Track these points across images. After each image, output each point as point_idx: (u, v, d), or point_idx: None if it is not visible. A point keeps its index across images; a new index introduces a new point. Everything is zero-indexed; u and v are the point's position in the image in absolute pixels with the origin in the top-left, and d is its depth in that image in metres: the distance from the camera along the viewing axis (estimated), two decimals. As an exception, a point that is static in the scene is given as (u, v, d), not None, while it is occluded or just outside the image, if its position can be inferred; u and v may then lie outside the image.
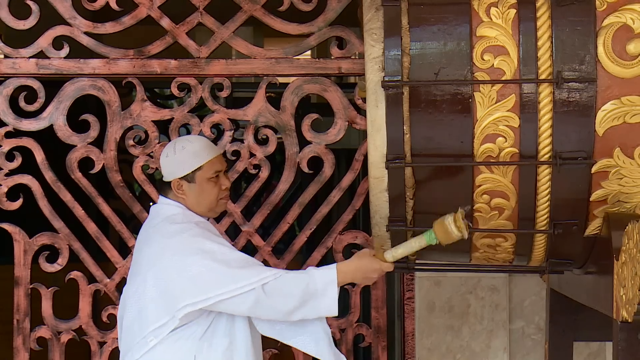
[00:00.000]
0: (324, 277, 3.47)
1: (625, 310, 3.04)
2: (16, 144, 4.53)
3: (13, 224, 4.55)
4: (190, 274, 3.43)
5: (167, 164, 3.61)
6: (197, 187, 3.58)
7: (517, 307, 4.77)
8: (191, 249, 3.46)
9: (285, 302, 3.43)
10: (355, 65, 4.50)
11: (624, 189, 3.20)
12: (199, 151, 3.60)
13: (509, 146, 3.17)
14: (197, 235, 3.50)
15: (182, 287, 3.44)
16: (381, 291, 4.57)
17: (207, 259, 3.44)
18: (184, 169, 3.57)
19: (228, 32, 4.55)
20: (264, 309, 3.45)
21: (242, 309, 3.45)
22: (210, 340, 3.51)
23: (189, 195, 3.58)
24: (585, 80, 3.12)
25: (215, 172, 3.60)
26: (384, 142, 3.19)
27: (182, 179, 3.58)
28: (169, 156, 3.61)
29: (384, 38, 3.18)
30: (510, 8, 3.18)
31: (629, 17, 3.13)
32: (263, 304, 3.42)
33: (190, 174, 3.57)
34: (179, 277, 3.44)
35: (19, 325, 4.53)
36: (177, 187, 3.59)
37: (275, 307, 3.44)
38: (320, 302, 3.44)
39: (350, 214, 4.58)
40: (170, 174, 3.60)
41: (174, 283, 3.45)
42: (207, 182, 3.58)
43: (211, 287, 3.42)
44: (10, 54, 4.52)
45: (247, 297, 3.42)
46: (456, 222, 3.27)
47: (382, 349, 4.60)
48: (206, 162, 3.58)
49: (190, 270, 3.43)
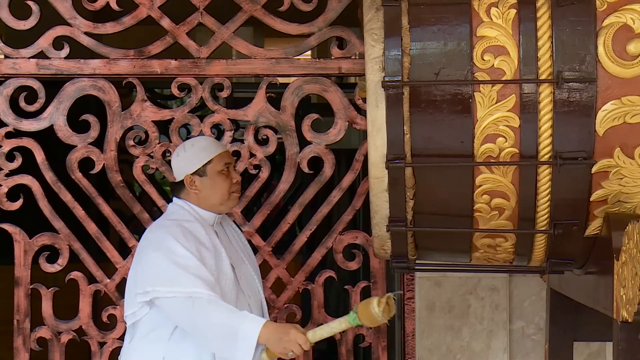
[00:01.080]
0: (249, 328, 3.49)
1: (626, 310, 3.04)
2: (16, 144, 4.53)
3: (13, 225, 4.55)
4: (148, 266, 3.60)
5: (179, 162, 3.73)
6: (209, 181, 3.69)
7: (517, 307, 4.77)
8: (159, 244, 3.61)
9: (206, 326, 3.50)
10: (356, 65, 4.50)
11: (624, 189, 3.20)
12: (208, 146, 3.73)
13: (509, 146, 3.17)
14: (172, 233, 3.62)
15: (141, 276, 3.61)
16: (381, 291, 4.57)
17: (165, 257, 3.57)
18: (195, 164, 3.69)
19: (228, 32, 4.55)
20: (185, 322, 3.54)
21: (172, 312, 3.56)
22: (179, 343, 3.60)
23: (202, 190, 3.69)
24: (586, 81, 3.12)
25: (225, 164, 3.71)
26: (384, 142, 3.19)
27: (194, 174, 3.69)
28: (180, 155, 3.73)
29: (384, 38, 3.18)
30: (510, 8, 3.18)
31: (629, 17, 3.13)
32: (185, 315, 3.51)
33: (201, 168, 3.69)
34: (141, 267, 3.62)
35: (19, 326, 4.53)
36: (190, 184, 3.70)
37: (196, 325, 3.51)
38: (236, 348, 3.48)
39: (351, 214, 4.58)
40: (182, 172, 3.70)
41: (136, 272, 3.64)
42: (218, 175, 3.69)
43: (156, 283, 3.56)
44: (10, 54, 4.52)
45: (176, 302, 3.53)
46: (379, 306, 3.38)
47: (382, 349, 4.60)
48: (216, 156, 3.70)
49: (150, 262, 3.59)
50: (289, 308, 4.60)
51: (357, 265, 4.61)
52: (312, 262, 4.60)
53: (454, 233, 3.36)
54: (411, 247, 3.42)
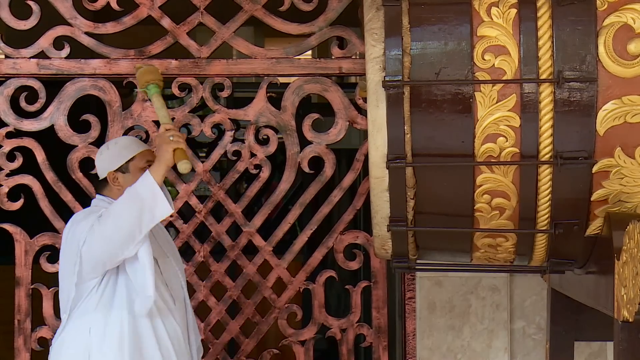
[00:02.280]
0: (144, 185, 3.60)
1: (626, 309, 3.04)
2: (17, 144, 4.54)
3: (14, 224, 4.55)
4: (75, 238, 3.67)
5: (102, 160, 3.81)
6: (131, 177, 3.75)
7: (518, 307, 4.76)
8: (81, 220, 3.71)
9: (123, 221, 3.57)
10: (356, 65, 4.50)
11: (624, 189, 3.20)
12: (130, 145, 3.83)
13: (510, 146, 3.17)
14: (93, 212, 3.73)
15: (70, 251, 3.69)
16: (382, 291, 4.57)
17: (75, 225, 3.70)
18: (118, 161, 3.77)
19: (229, 32, 4.55)
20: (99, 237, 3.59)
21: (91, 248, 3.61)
22: (106, 312, 3.66)
23: (124, 186, 3.74)
24: (586, 80, 3.12)
25: (147, 161, 3.77)
26: (384, 142, 3.19)
27: (117, 170, 3.77)
28: (103, 153, 3.82)
29: (385, 38, 3.18)
30: (510, 8, 3.18)
31: (630, 17, 3.13)
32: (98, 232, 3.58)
33: (124, 165, 3.77)
34: (70, 245, 3.69)
35: (20, 326, 4.53)
36: (112, 180, 3.78)
37: (107, 229, 3.58)
38: (153, 208, 3.58)
39: (351, 214, 4.58)
40: (105, 169, 3.78)
41: (66, 251, 3.72)
42: (140, 172, 3.74)
43: (75, 242, 3.65)
44: (11, 54, 4.52)
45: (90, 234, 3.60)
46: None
47: (383, 349, 4.60)
48: (138, 153, 3.78)
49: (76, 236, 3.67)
50: (289, 308, 4.60)
51: (357, 265, 4.61)
52: (312, 262, 4.60)
53: (454, 233, 3.35)
54: (412, 247, 3.42)
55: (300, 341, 4.60)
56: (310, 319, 4.58)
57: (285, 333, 4.60)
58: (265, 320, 4.60)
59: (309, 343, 4.61)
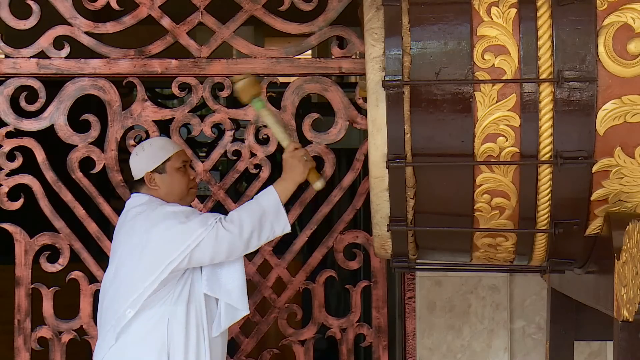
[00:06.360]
0: (269, 201, 3.74)
1: (626, 309, 3.04)
2: (17, 144, 4.54)
3: (14, 224, 4.55)
4: (164, 235, 3.67)
5: (138, 161, 3.84)
6: (168, 177, 3.81)
7: (517, 307, 4.77)
8: (158, 217, 3.71)
9: (241, 230, 3.68)
10: (356, 64, 4.50)
11: (624, 189, 3.20)
12: (165, 145, 3.87)
13: (510, 146, 3.17)
14: (161, 204, 3.76)
15: (159, 250, 3.67)
16: (382, 291, 4.58)
17: (172, 219, 3.69)
18: (154, 162, 3.81)
19: (229, 32, 4.56)
20: (224, 244, 3.67)
21: (208, 252, 3.67)
22: (186, 304, 3.72)
23: (161, 186, 3.81)
24: (586, 80, 3.12)
25: (183, 162, 3.85)
26: (384, 142, 3.19)
27: (154, 171, 3.81)
28: (139, 154, 3.85)
29: (385, 37, 3.18)
30: (510, 7, 3.18)
31: (630, 17, 3.13)
32: (222, 238, 3.66)
33: (161, 166, 3.81)
34: (155, 242, 3.67)
35: (20, 325, 4.53)
36: (149, 181, 3.81)
37: (233, 238, 3.67)
38: (274, 223, 3.74)
39: (351, 214, 4.58)
40: (142, 170, 3.82)
41: (150, 249, 3.68)
42: (176, 172, 3.82)
43: (181, 241, 3.66)
44: (11, 53, 4.52)
45: (209, 237, 3.66)
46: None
47: (383, 349, 4.60)
48: (174, 153, 3.84)
49: (163, 233, 3.67)
50: (289, 308, 4.60)
51: (357, 264, 4.61)
52: (312, 261, 4.60)
53: (454, 232, 3.36)
54: (412, 247, 3.42)
55: (300, 341, 4.60)
56: (310, 319, 4.58)
57: (285, 333, 4.60)
58: (265, 320, 4.60)
59: (308, 343, 4.61)
